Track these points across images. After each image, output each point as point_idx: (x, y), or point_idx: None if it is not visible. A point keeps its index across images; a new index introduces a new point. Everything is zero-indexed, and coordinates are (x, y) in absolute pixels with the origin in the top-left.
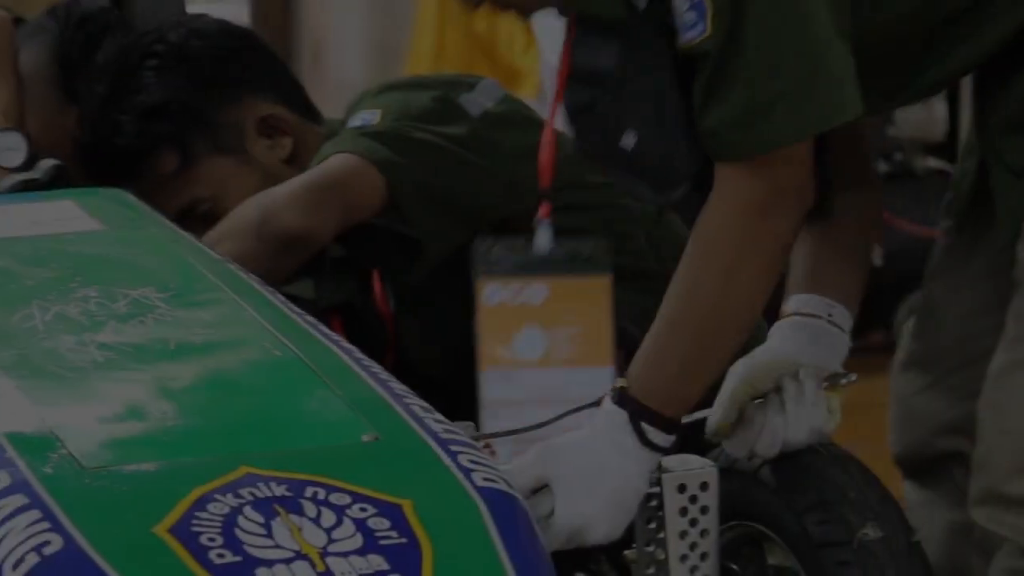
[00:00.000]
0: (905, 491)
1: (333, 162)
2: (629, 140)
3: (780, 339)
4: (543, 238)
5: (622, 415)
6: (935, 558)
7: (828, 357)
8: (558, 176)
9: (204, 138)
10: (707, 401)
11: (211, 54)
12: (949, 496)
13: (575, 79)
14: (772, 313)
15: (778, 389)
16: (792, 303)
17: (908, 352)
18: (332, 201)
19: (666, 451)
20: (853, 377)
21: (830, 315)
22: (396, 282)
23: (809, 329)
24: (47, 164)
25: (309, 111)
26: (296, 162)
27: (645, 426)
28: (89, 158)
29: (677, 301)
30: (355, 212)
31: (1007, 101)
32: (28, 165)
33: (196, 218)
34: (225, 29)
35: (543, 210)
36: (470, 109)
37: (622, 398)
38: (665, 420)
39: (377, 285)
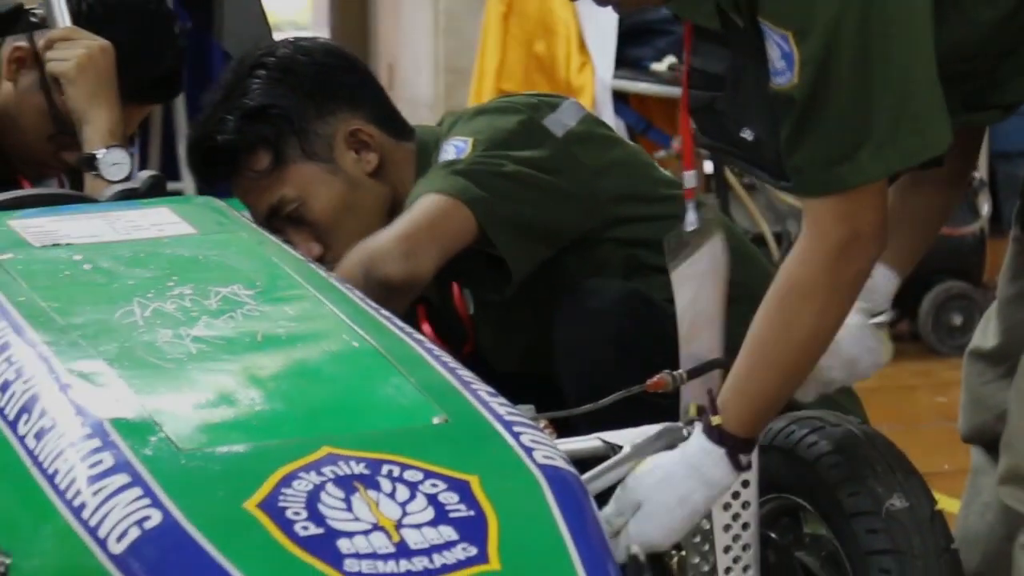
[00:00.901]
0: (974, 461)
1: (426, 204)
2: (748, 134)
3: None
4: (691, 217)
5: (719, 451)
6: (992, 523)
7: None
8: (634, 187)
9: (297, 143)
10: None
11: (312, 70)
12: None
13: (693, 81)
14: None
15: None
16: None
17: (979, 345)
18: (428, 245)
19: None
20: (891, 315)
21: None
22: (477, 295)
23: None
24: (145, 175)
25: (399, 130)
26: (380, 176)
27: (741, 456)
28: (194, 152)
29: (772, 339)
30: (450, 249)
31: None
32: (127, 177)
33: (284, 217)
34: (328, 50)
35: (688, 193)
36: (554, 130)
37: (721, 436)
38: (753, 443)
39: (456, 291)
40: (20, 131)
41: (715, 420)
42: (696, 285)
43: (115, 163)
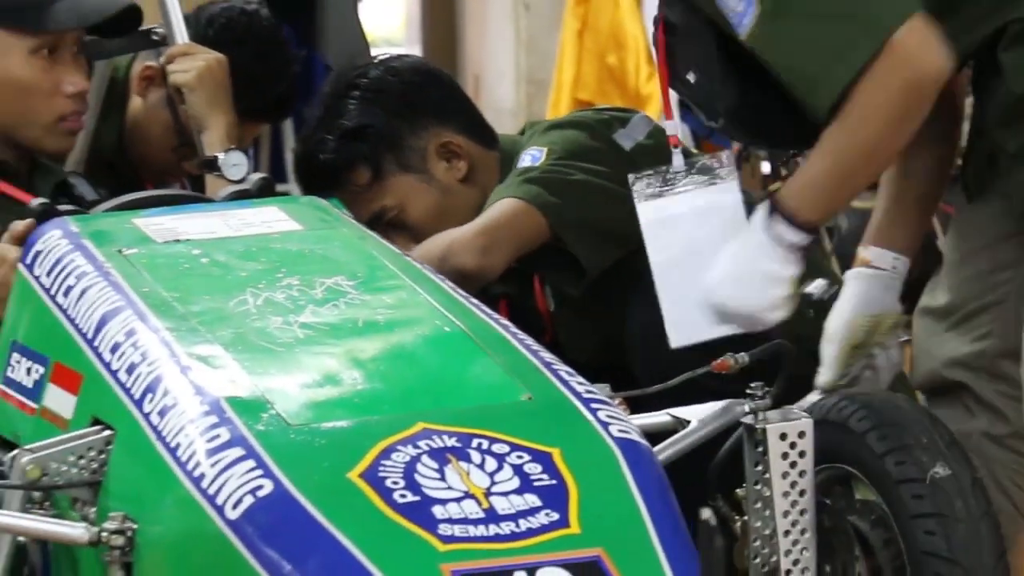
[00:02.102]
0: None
1: (502, 207)
2: (690, 76)
3: (861, 293)
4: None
5: (765, 208)
6: None
7: (893, 302)
8: None
9: (393, 158)
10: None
11: (402, 89)
12: (959, 413)
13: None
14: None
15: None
16: (868, 253)
17: (927, 304)
18: (501, 243)
19: (802, 248)
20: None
21: (894, 267)
22: (555, 288)
23: (881, 280)
24: (256, 177)
25: (485, 138)
26: (470, 181)
27: (779, 220)
28: (300, 168)
29: (841, 135)
30: (522, 248)
31: (995, 103)
32: (243, 179)
33: (384, 224)
34: (417, 68)
35: (672, 140)
36: (623, 144)
37: (771, 200)
38: (801, 221)
39: (537, 286)
40: (147, 142)
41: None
42: None
43: (235, 164)
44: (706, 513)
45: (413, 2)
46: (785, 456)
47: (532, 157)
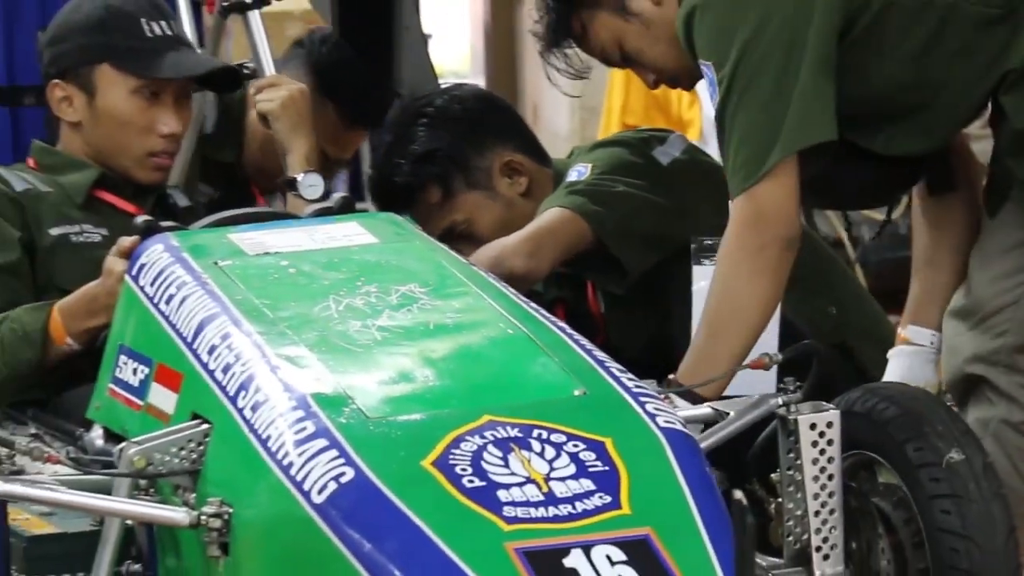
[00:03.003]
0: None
1: (549, 215)
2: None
3: (904, 368)
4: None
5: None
6: None
7: (933, 373)
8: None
9: (461, 177)
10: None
11: (467, 115)
12: (981, 404)
13: None
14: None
15: None
16: (907, 332)
17: (953, 306)
18: (547, 247)
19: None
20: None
21: (931, 342)
22: (605, 290)
23: (921, 356)
24: (338, 196)
25: (541, 156)
26: (530, 195)
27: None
28: (376, 190)
29: (710, 297)
30: (567, 253)
31: (1004, 137)
32: (324, 197)
33: (455, 237)
34: (479, 95)
35: None
36: (661, 159)
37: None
38: (692, 395)
39: (590, 290)
40: (262, 152)
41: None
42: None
43: (311, 185)
44: (738, 494)
45: (477, 37)
46: (815, 444)
47: (578, 172)
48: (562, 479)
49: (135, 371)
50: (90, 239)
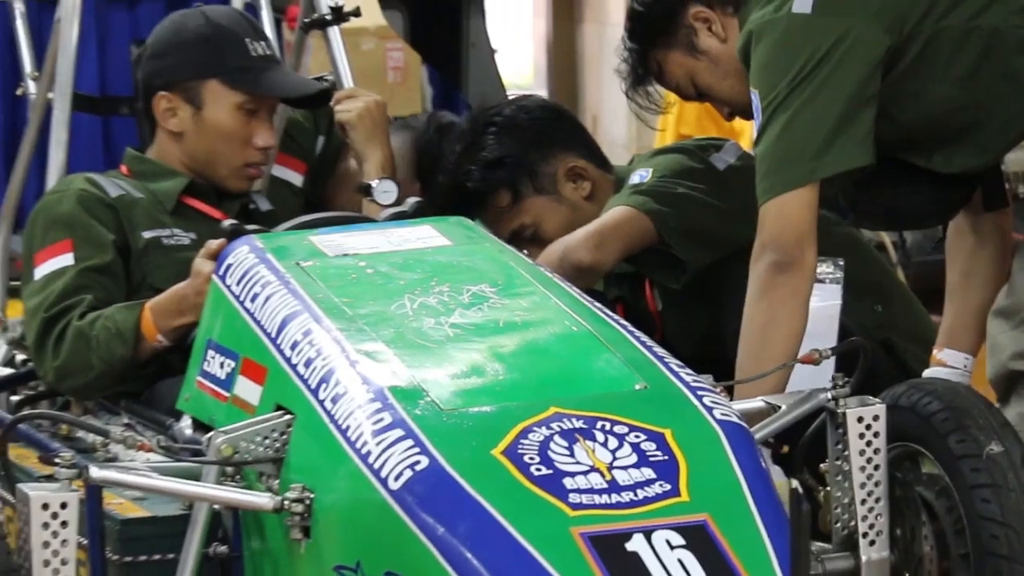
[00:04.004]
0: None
1: (614, 212)
2: None
3: None
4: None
5: None
6: None
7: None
8: None
9: (528, 182)
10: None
11: (533, 124)
12: (1021, 398)
13: None
14: None
15: None
16: (942, 355)
17: (998, 306)
18: (611, 241)
19: None
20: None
21: (964, 365)
22: (663, 288)
23: (954, 377)
24: (412, 201)
25: (603, 162)
26: (593, 199)
27: None
28: (447, 195)
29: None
30: (630, 248)
31: None
32: (398, 202)
33: (523, 239)
34: (544, 106)
35: None
36: (717, 165)
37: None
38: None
39: (648, 289)
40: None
41: None
42: None
43: (385, 191)
44: (794, 483)
45: (541, 52)
46: (862, 436)
47: (640, 176)
48: (624, 468)
49: (222, 365)
50: (180, 242)
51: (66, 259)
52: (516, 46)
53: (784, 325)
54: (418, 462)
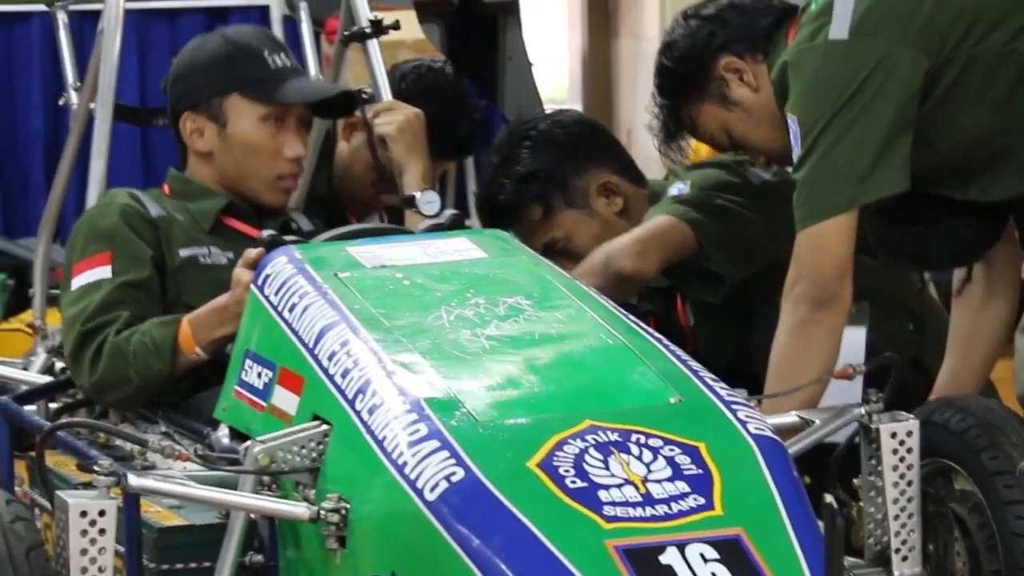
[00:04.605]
0: None
1: (655, 221)
2: None
3: None
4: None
5: None
6: None
7: None
8: None
9: (560, 196)
10: None
11: (567, 138)
12: None
13: None
14: None
15: None
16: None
17: (1022, 323)
18: (654, 249)
19: None
20: None
21: None
22: (695, 303)
23: None
24: (449, 213)
25: (637, 177)
26: (626, 215)
27: None
28: (482, 208)
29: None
30: (672, 257)
31: None
32: (436, 214)
33: (554, 252)
34: (579, 120)
35: None
36: (753, 180)
37: None
38: None
39: (679, 303)
40: (351, 179)
41: None
42: None
43: (429, 201)
44: (828, 498)
45: (576, 66)
46: (895, 452)
47: (679, 188)
48: (659, 481)
49: (260, 375)
50: (217, 261)
51: (104, 271)
52: (551, 59)
53: (816, 360)
54: (454, 473)
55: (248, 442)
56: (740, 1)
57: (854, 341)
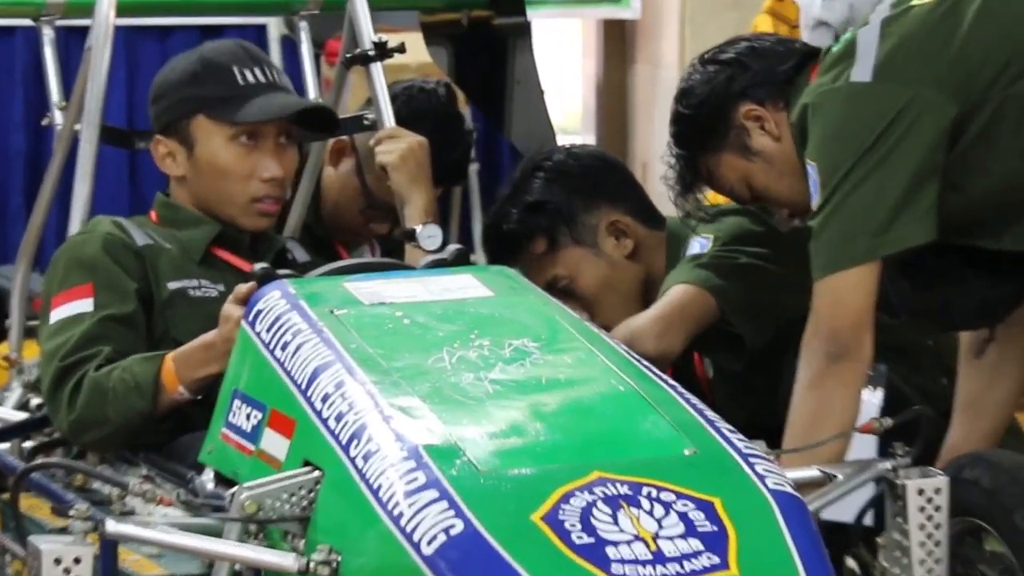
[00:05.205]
0: None
1: (676, 293)
2: None
3: None
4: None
5: None
6: None
7: None
8: None
9: (567, 231)
10: None
11: (581, 172)
12: None
13: None
14: None
15: None
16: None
17: None
18: (677, 327)
19: None
20: None
21: None
22: (717, 363)
23: None
24: (453, 248)
25: (652, 220)
26: (636, 258)
27: None
28: (487, 237)
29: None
30: (696, 330)
31: None
32: (438, 249)
33: (557, 291)
34: (595, 155)
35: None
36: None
37: None
38: None
39: (696, 356)
40: (338, 206)
41: None
42: None
43: (430, 236)
44: (851, 562)
45: (589, 95)
46: (922, 510)
47: (700, 244)
48: (670, 538)
49: (248, 416)
50: (207, 294)
51: (85, 304)
52: (563, 87)
53: (835, 416)
54: (453, 526)
55: (235, 488)
56: (760, 44)
57: (868, 405)
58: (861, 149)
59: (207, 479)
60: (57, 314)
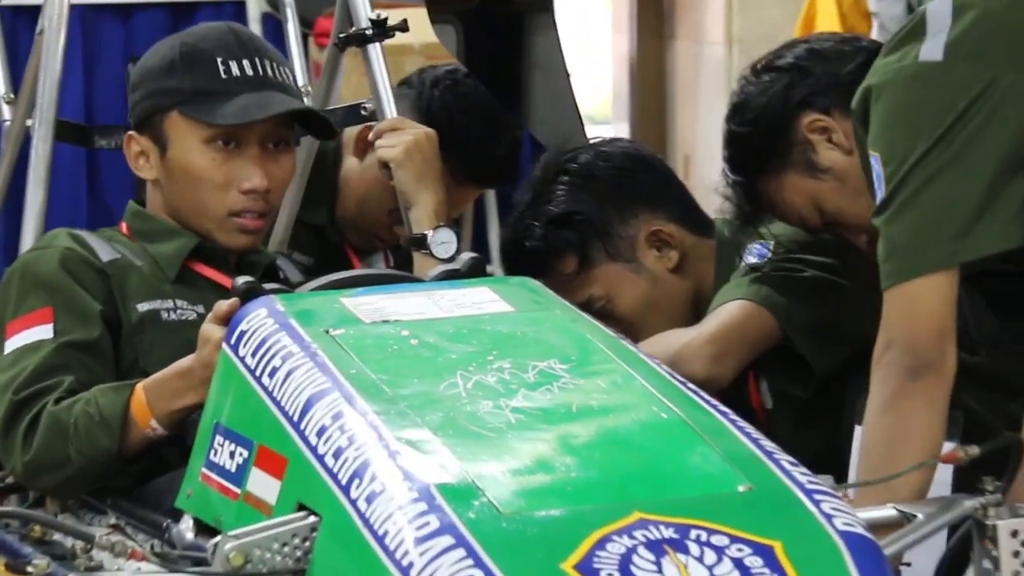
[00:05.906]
0: None
1: (732, 310)
2: None
3: None
4: None
5: None
6: None
7: None
8: None
9: (601, 246)
10: None
11: (612, 175)
12: None
13: None
14: None
15: None
16: None
17: None
18: (732, 350)
19: None
20: None
21: None
22: (780, 389)
23: None
24: (466, 257)
25: (699, 225)
26: (682, 271)
27: None
28: (506, 254)
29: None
30: (753, 354)
31: None
32: (451, 257)
33: (593, 314)
34: (629, 154)
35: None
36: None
37: None
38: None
39: (751, 381)
40: (361, 203)
41: None
42: None
43: (443, 242)
44: None
45: (622, 79)
46: (1017, 555)
47: (758, 252)
48: None
49: (232, 454)
50: (184, 316)
51: (44, 331)
52: (592, 68)
53: (916, 441)
54: None
55: (218, 537)
56: (820, 45)
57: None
58: (932, 138)
59: (185, 528)
60: (12, 343)
